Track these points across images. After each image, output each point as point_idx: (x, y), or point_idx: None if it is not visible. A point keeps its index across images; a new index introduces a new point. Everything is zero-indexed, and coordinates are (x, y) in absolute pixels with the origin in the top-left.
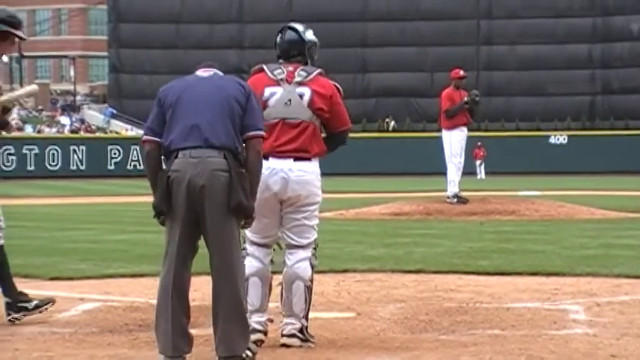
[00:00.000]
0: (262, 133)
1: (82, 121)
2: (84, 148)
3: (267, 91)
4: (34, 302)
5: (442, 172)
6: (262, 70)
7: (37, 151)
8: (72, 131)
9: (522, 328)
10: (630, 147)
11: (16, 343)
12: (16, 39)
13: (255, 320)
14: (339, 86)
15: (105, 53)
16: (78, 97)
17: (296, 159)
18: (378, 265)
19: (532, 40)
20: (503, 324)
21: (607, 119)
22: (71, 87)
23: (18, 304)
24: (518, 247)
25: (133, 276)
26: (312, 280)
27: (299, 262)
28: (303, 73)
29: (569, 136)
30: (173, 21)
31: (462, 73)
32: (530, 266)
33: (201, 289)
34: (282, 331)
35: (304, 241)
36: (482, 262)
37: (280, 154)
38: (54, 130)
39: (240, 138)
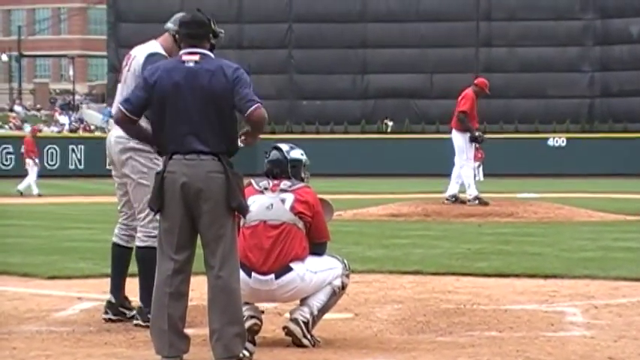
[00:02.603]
0: (256, 105)
1: (81, 120)
2: (82, 147)
3: (250, 199)
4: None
5: (440, 173)
6: (250, 184)
7: None
8: (71, 130)
9: (520, 330)
10: (629, 150)
11: (14, 342)
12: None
13: (246, 308)
14: (329, 201)
15: (104, 53)
16: (77, 97)
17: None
18: (376, 266)
19: (531, 42)
20: (500, 326)
21: (606, 122)
22: (70, 86)
23: (120, 307)
24: (516, 249)
25: (132, 276)
26: (341, 288)
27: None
28: (288, 183)
29: (567, 139)
30: None
31: (487, 89)
32: (528, 268)
33: (198, 289)
34: (290, 314)
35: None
36: (481, 264)
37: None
38: (53, 129)
39: (234, 133)
